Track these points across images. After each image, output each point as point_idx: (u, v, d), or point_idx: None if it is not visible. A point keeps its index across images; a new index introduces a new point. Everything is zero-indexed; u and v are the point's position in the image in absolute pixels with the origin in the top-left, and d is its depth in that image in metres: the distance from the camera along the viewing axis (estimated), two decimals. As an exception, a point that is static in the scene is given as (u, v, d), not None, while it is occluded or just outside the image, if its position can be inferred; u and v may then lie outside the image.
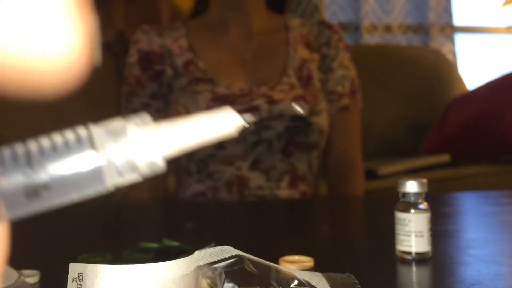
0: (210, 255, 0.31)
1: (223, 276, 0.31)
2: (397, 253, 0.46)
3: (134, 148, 0.16)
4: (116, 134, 0.16)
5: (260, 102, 0.93)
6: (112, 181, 0.16)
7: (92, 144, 0.16)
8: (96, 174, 0.16)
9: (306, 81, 0.98)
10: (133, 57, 1.00)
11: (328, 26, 1.05)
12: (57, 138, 0.16)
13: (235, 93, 0.94)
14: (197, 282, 0.30)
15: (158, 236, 0.50)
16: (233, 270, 0.31)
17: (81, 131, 0.16)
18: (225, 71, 0.98)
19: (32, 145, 0.15)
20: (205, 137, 0.18)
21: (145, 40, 1.00)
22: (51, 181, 0.15)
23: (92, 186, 0.16)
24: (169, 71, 0.98)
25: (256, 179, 0.93)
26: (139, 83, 0.98)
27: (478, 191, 1.18)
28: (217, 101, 0.93)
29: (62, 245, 0.59)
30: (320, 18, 2.39)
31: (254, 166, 0.94)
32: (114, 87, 1.72)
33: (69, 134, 0.16)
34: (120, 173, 0.16)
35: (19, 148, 0.15)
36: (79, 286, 0.28)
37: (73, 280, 0.28)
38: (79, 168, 0.15)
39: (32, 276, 0.40)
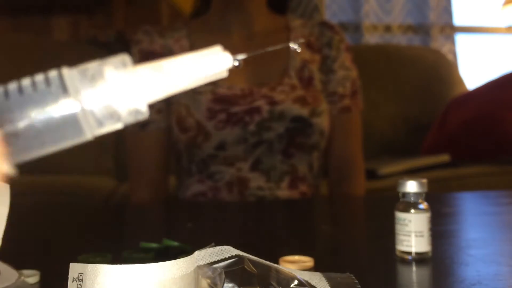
0: (210, 255, 0.31)
1: (223, 276, 0.31)
2: (397, 253, 0.46)
3: (114, 93, 0.14)
4: (92, 78, 0.14)
5: (261, 103, 0.93)
6: (91, 131, 0.14)
7: (64, 88, 0.14)
8: (72, 123, 0.14)
9: (307, 82, 0.98)
10: (134, 57, 1.00)
11: (330, 27, 1.05)
12: (25, 81, 0.14)
13: (236, 93, 0.94)
14: (197, 282, 0.30)
15: (158, 236, 0.50)
16: (233, 270, 0.31)
17: (52, 73, 0.14)
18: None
19: None
20: (192, 79, 0.16)
21: (147, 40, 1.00)
22: (20, 128, 0.13)
23: (69, 136, 0.14)
24: None
25: (256, 180, 0.93)
26: None
27: (478, 191, 1.18)
28: (218, 102, 0.93)
29: (62, 245, 0.59)
30: (320, 18, 2.39)
31: (254, 167, 0.94)
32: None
33: (38, 77, 0.14)
34: (99, 121, 0.14)
35: None
36: (79, 286, 0.28)
37: (73, 280, 0.28)
38: (50, 115, 0.13)
39: (32, 276, 0.40)
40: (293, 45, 0.22)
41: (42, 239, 0.61)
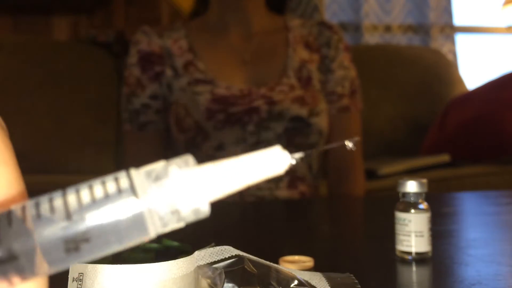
0: (210, 255, 0.31)
1: (223, 276, 0.31)
2: (397, 253, 0.46)
3: (178, 194, 0.15)
4: (158, 178, 0.15)
5: (260, 103, 0.93)
6: (155, 230, 0.15)
7: (133, 190, 0.14)
8: (138, 223, 0.14)
9: (305, 82, 0.98)
10: (133, 58, 1.00)
11: (328, 26, 1.05)
12: (97, 186, 0.14)
13: (234, 94, 0.94)
14: (197, 282, 0.30)
15: (158, 236, 0.50)
16: (233, 270, 0.31)
17: (121, 176, 0.15)
18: (225, 72, 0.98)
19: (70, 195, 0.14)
20: (252, 178, 0.16)
21: (145, 41, 1.00)
22: (91, 233, 0.14)
23: (134, 236, 0.14)
24: (169, 72, 0.98)
25: None
26: (139, 83, 0.98)
27: (478, 191, 1.18)
28: (217, 102, 0.93)
29: (62, 245, 0.59)
30: (320, 18, 2.39)
31: None
32: (114, 87, 1.72)
33: (109, 180, 0.14)
34: (163, 221, 0.15)
35: (57, 199, 0.14)
36: (79, 286, 0.28)
37: (73, 280, 0.28)
38: (120, 218, 0.14)
39: (32, 276, 0.40)
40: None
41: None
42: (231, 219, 0.77)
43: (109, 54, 1.82)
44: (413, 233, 0.45)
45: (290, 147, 0.95)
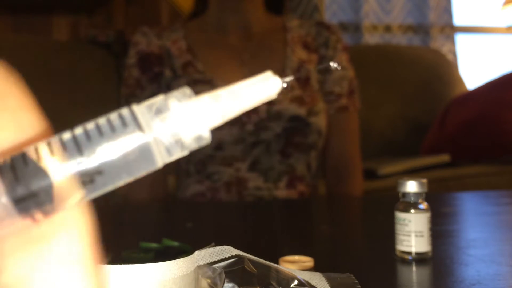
0: (210, 255, 0.31)
1: (223, 276, 0.31)
2: (397, 253, 0.46)
3: (179, 124, 0.16)
4: (159, 111, 0.16)
5: None
6: (162, 160, 0.16)
7: (137, 124, 0.15)
8: (146, 154, 0.15)
9: (304, 81, 0.98)
10: (132, 58, 1.00)
11: (326, 27, 1.06)
12: (102, 121, 0.15)
13: None
14: (197, 282, 0.30)
15: (158, 236, 0.50)
16: (233, 270, 0.31)
17: (124, 111, 0.16)
18: (223, 72, 0.98)
19: (78, 130, 0.15)
20: (247, 103, 0.18)
21: (144, 41, 1.00)
22: (103, 166, 0.15)
23: (143, 167, 0.15)
24: (168, 73, 0.98)
25: (254, 180, 0.93)
26: (139, 84, 0.99)
27: (478, 191, 1.18)
28: None
29: (62, 245, 0.59)
30: (320, 18, 2.39)
31: (252, 167, 0.94)
32: (114, 87, 1.72)
33: (114, 116, 0.15)
34: (168, 151, 0.16)
35: (67, 137, 0.15)
36: (79, 286, 0.28)
37: (73, 280, 0.28)
38: (128, 151, 0.15)
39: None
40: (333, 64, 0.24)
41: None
42: (231, 219, 0.77)
43: (109, 54, 1.82)
44: (413, 233, 0.45)
45: (289, 147, 0.95)
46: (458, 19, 2.73)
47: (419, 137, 1.95)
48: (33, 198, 0.14)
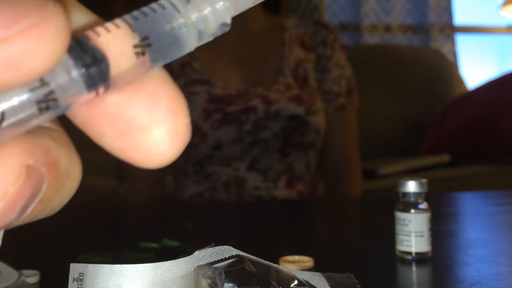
0: (210, 255, 0.31)
1: (223, 276, 0.31)
2: (397, 253, 0.46)
3: (207, 10, 0.17)
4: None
5: (257, 102, 0.93)
6: (194, 43, 0.17)
7: (175, 7, 0.16)
8: (183, 36, 0.16)
9: (302, 81, 0.99)
10: None
11: (324, 26, 1.06)
12: (145, 8, 0.16)
13: (231, 93, 0.94)
14: (197, 282, 0.30)
15: (158, 236, 0.50)
16: (233, 270, 0.31)
17: (162, 1, 0.17)
18: (221, 72, 0.98)
19: (125, 16, 0.16)
20: None
21: None
22: (151, 39, 0.15)
23: (181, 48, 0.16)
24: None
25: (253, 180, 0.93)
26: None
27: (478, 191, 1.18)
28: (213, 102, 0.93)
29: (62, 245, 0.59)
30: (320, 18, 2.39)
31: (251, 167, 0.94)
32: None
33: (153, 4, 0.16)
34: (200, 35, 0.17)
35: (118, 20, 0.16)
36: (79, 286, 0.28)
37: (73, 280, 0.28)
38: (169, 30, 0.16)
39: (32, 276, 0.40)
40: None
41: (42, 239, 0.61)
42: (231, 219, 0.77)
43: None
44: (413, 233, 0.45)
45: (288, 146, 0.95)
46: (458, 19, 2.73)
47: (419, 137, 1.95)
48: (98, 64, 0.14)
